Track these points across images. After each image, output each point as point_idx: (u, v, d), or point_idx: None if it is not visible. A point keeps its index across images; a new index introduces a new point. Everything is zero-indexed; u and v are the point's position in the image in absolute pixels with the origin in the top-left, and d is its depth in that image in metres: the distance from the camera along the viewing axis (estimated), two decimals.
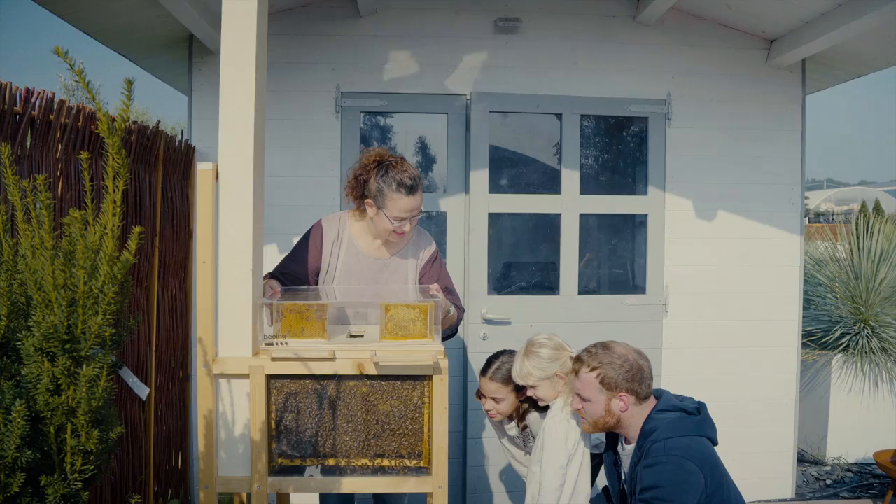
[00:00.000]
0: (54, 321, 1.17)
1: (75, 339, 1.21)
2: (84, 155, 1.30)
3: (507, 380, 2.87)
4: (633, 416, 2.48)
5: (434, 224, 4.33)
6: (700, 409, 2.49)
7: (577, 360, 2.56)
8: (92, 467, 1.25)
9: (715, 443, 2.46)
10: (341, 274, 2.91)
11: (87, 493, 1.25)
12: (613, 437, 2.71)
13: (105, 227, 1.20)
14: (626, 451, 2.56)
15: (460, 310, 2.96)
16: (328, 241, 2.92)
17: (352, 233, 2.93)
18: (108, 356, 1.24)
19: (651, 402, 2.51)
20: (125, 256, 1.25)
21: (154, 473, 3.51)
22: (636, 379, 2.46)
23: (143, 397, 1.77)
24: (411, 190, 2.72)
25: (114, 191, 1.22)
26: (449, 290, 2.92)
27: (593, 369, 2.48)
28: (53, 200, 2.44)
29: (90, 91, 1.20)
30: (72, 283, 1.18)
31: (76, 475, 1.23)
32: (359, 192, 2.83)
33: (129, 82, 1.22)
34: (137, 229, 1.27)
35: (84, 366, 1.20)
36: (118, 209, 1.23)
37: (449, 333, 2.93)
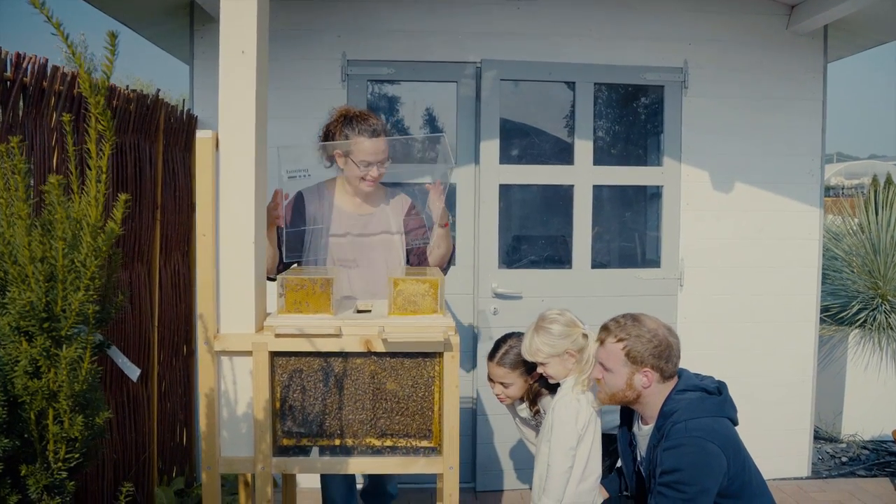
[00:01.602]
0: (31, 297, 1.07)
1: (55, 317, 1.11)
2: (66, 117, 1.20)
3: (515, 365, 2.77)
4: (655, 393, 2.38)
5: None
6: (721, 389, 2.39)
7: (605, 328, 2.45)
8: (77, 455, 1.16)
9: (735, 423, 2.36)
10: (326, 235, 2.99)
11: (72, 482, 1.16)
12: (628, 415, 2.61)
13: (89, 195, 1.10)
14: (643, 431, 2.46)
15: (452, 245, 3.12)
16: (310, 207, 3.00)
17: (332, 198, 3.03)
18: (93, 335, 1.15)
19: (673, 382, 2.41)
20: (110, 227, 1.14)
21: (158, 451, 3.44)
22: (663, 356, 2.36)
23: (134, 379, 1.69)
24: (374, 133, 2.87)
25: (98, 155, 1.12)
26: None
27: (620, 340, 2.37)
28: (33, 168, 2.34)
29: (69, 45, 1.09)
30: (51, 257, 1.09)
31: (60, 464, 1.14)
32: (326, 148, 2.96)
33: (113, 35, 1.11)
34: (123, 197, 1.17)
35: (64, 346, 1.11)
36: (104, 176, 1.13)
37: (448, 264, 3.13)
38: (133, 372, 1.68)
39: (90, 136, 1.12)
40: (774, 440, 4.26)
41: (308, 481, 3.91)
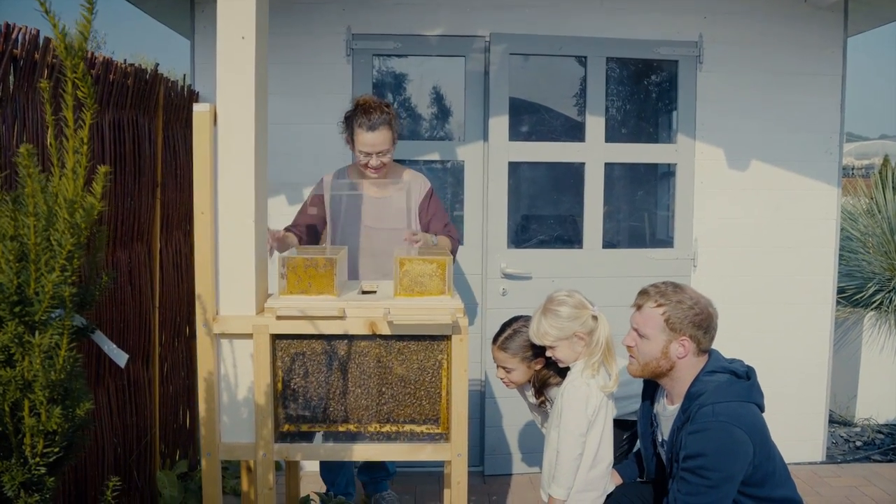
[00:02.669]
0: (1, 279, 0.99)
1: (27, 300, 1.02)
2: (44, 84, 1.10)
3: (516, 351, 2.66)
4: (687, 367, 2.27)
5: (451, 174, 4.12)
6: (749, 373, 2.30)
7: (643, 293, 2.34)
8: (57, 449, 1.07)
9: (762, 410, 2.27)
10: (346, 216, 3.18)
11: (52, 478, 1.07)
12: (651, 390, 2.50)
13: (67, 168, 1.00)
14: (668, 412, 2.36)
15: (456, 241, 3.27)
16: (329, 190, 3.24)
17: (352, 181, 3.25)
18: (70, 320, 1.06)
19: (705, 360, 2.31)
20: (89, 202, 1.05)
21: (161, 435, 3.38)
22: (703, 326, 2.26)
23: (122, 365, 1.61)
24: (371, 128, 3.05)
25: (76, 125, 1.02)
26: (446, 224, 3.26)
27: (660, 305, 2.27)
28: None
29: (42, 2, 1.00)
30: (24, 234, 0.99)
31: (38, 459, 1.05)
32: (347, 133, 3.17)
33: None
34: (103, 169, 1.07)
35: (38, 333, 1.02)
36: (84, 147, 1.03)
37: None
38: (120, 358, 1.59)
39: (66, 104, 1.03)
40: (789, 424, 4.17)
41: (313, 465, 3.85)
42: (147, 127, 3.18)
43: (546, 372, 2.68)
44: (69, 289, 1.03)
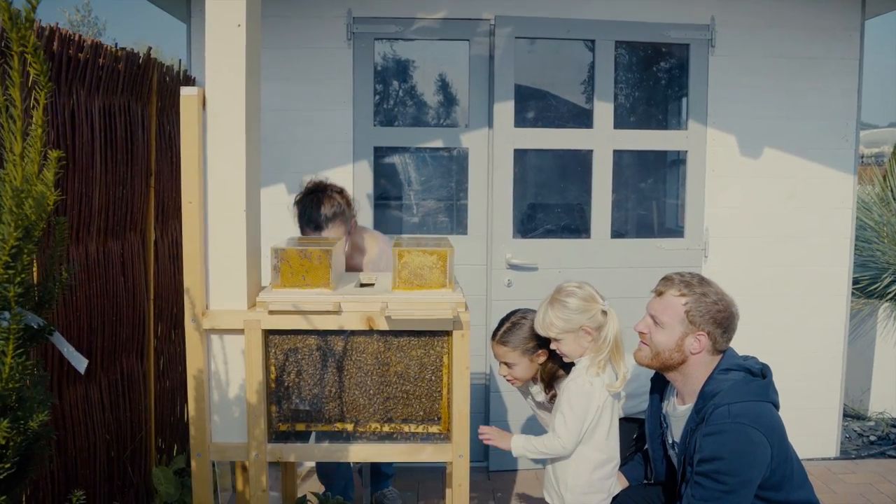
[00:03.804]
0: None
1: None
2: None
3: (518, 344, 2.54)
4: (699, 364, 2.17)
5: (455, 162, 4.00)
6: (764, 371, 2.19)
7: (667, 280, 2.23)
8: (9, 465, 0.97)
9: (777, 408, 2.16)
10: None
11: (4, 496, 0.97)
12: (660, 386, 2.39)
13: (15, 153, 0.90)
14: (679, 412, 2.25)
15: None
16: None
17: None
18: (17, 323, 0.95)
19: (718, 359, 2.20)
20: (39, 190, 0.94)
21: (157, 430, 3.29)
22: (723, 325, 2.16)
23: (81, 370, 1.51)
24: (317, 228, 2.81)
25: (27, 103, 0.92)
26: None
27: (683, 295, 2.17)
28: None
29: None
30: None
31: None
32: (297, 221, 2.93)
33: None
34: (55, 154, 0.97)
35: None
36: (39, 130, 0.93)
37: None
38: (80, 363, 1.49)
39: (12, 81, 0.92)
40: (801, 419, 4.05)
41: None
42: (140, 113, 3.07)
43: (553, 365, 2.57)
44: (14, 288, 0.92)
